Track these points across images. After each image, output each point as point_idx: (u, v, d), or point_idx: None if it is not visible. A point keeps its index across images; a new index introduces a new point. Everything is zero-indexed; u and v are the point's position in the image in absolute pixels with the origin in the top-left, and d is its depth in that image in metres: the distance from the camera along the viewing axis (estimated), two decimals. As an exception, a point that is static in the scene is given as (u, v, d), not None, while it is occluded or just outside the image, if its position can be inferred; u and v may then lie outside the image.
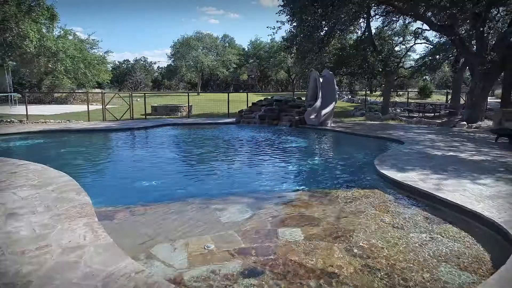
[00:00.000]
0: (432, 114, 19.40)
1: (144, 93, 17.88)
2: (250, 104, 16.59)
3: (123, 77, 57.65)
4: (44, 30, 18.04)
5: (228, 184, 6.00)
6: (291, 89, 54.62)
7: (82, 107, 21.93)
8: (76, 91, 25.72)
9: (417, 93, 38.96)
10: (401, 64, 19.23)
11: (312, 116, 13.65)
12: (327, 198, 4.98)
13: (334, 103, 14.09)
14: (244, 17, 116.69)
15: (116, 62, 60.04)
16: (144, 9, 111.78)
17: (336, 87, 14.74)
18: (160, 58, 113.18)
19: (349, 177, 6.51)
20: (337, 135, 12.25)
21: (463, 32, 16.80)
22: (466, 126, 13.80)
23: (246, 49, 58.10)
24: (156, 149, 9.48)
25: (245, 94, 19.25)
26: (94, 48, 29.31)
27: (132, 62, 59.22)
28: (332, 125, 13.99)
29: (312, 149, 9.84)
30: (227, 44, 55.81)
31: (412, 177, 5.65)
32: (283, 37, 16.97)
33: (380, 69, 18.66)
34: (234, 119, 15.67)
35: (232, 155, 8.64)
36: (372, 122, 15.78)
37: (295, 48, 17.42)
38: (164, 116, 18.85)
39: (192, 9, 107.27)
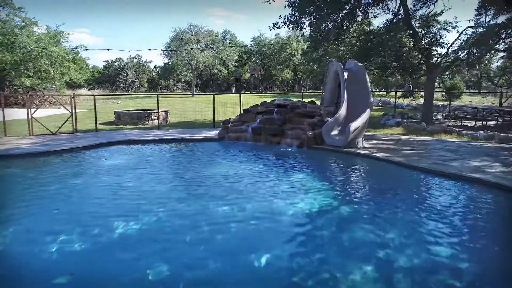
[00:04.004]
0: (492, 123, 14.20)
1: (94, 96, 12.98)
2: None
3: (115, 77, 52.94)
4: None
5: None
6: (298, 90, 49.45)
7: (45, 112, 17.35)
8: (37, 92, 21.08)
9: (444, 93, 33.36)
10: (449, 54, 14.02)
11: (335, 132, 8.60)
12: None
13: (368, 110, 8.98)
14: (251, 17, 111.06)
15: (109, 60, 55.45)
16: (147, 10, 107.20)
17: (369, 85, 9.65)
18: (159, 57, 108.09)
19: None
20: (383, 171, 6.91)
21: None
22: None
23: (249, 46, 52.82)
24: (44, 214, 4.54)
25: (243, 95, 13.74)
26: (63, 42, 24.49)
27: (125, 60, 54.31)
28: (365, 145, 8.92)
29: (341, 219, 4.46)
30: (227, 40, 50.85)
31: None
32: (287, 1, 11.14)
33: (423, 61, 13.51)
34: (218, 133, 10.77)
35: (181, 236, 3.65)
36: (421, 138, 10.63)
37: (307, 22, 11.73)
38: (127, 126, 13.99)
39: (200, 10, 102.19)
